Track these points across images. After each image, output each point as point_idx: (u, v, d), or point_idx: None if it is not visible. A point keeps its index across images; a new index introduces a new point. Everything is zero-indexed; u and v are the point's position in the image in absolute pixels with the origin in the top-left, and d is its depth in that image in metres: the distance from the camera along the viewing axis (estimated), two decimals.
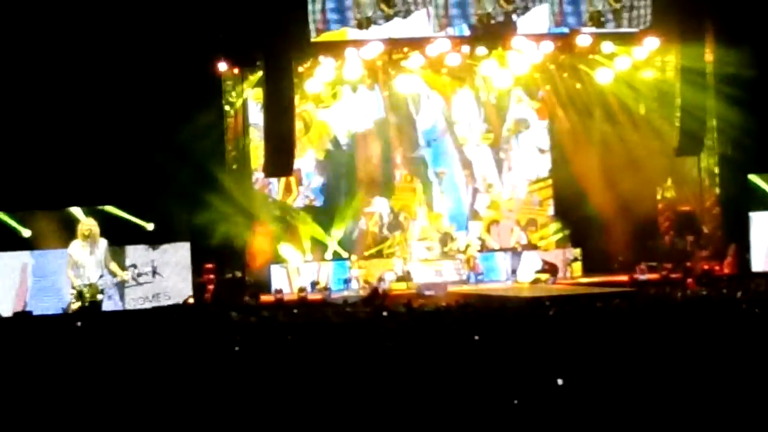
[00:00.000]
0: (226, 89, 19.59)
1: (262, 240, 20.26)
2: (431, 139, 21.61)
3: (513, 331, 9.03)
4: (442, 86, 21.49)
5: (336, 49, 19.46)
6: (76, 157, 17.87)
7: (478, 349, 8.24)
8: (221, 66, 19.08)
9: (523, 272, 20.89)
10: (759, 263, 19.57)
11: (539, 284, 20.20)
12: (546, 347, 8.04)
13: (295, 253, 20.63)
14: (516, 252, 21.41)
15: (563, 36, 20.06)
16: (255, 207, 19.93)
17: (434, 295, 17.96)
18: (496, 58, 20.30)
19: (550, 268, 20.94)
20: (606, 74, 20.67)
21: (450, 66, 20.46)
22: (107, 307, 16.67)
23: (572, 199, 21.43)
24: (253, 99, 20.18)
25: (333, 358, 7.99)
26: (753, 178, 19.88)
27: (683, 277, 18.26)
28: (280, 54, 18.47)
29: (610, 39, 20.02)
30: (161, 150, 17.90)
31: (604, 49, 20.15)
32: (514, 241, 21.74)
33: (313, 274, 20.34)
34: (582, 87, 21.32)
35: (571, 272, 21.17)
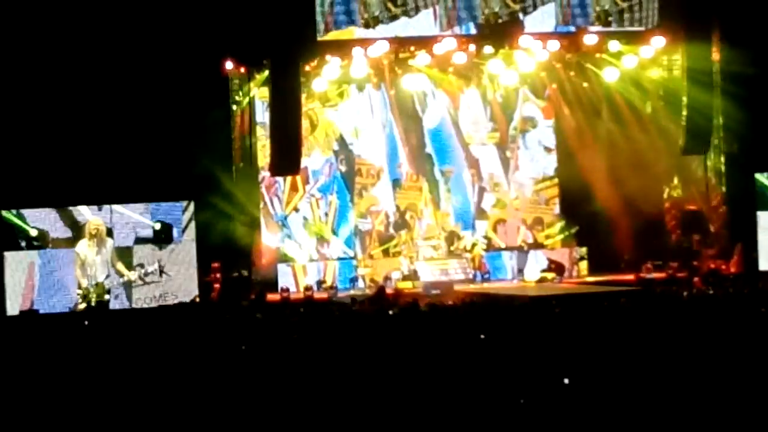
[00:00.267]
0: (232, 88, 19.62)
1: (268, 238, 20.30)
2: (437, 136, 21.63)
3: (519, 330, 9.04)
4: (448, 85, 21.47)
5: (342, 48, 19.46)
6: (84, 156, 17.90)
7: (484, 348, 8.25)
8: (228, 65, 19.10)
9: (530, 271, 20.87)
10: (766, 262, 19.51)
11: (545, 283, 20.16)
12: (552, 346, 8.05)
13: (302, 252, 20.65)
14: (522, 251, 21.39)
15: (570, 35, 20.06)
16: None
17: (440, 294, 17.95)
18: (503, 56, 20.27)
19: (557, 267, 20.90)
20: (613, 73, 20.62)
21: (456, 65, 20.44)
22: (114, 306, 16.76)
23: (579, 197, 21.37)
24: (259, 98, 20.19)
25: (340, 356, 8.00)
26: (760, 177, 19.84)
27: (689, 276, 18.23)
28: (287, 53, 18.49)
29: (617, 38, 20.01)
30: (168, 148, 17.96)
31: (610, 47, 20.13)
32: (520, 240, 21.71)
33: (319, 273, 20.35)
34: (589, 86, 21.25)
35: (578, 271, 21.14)
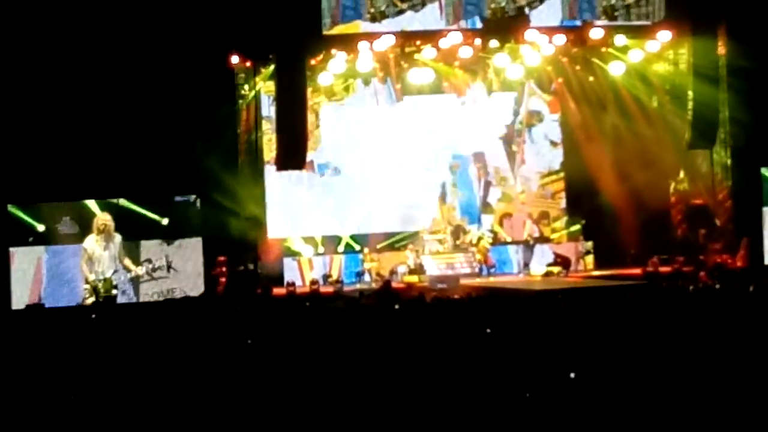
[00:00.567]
0: (238, 82, 19.61)
1: (274, 233, 20.32)
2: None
3: (525, 325, 9.05)
4: (454, 79, 21.46)
5: (348, 42, 19.46)
6: (91, 151, 17.92)
7: (490, 342, 8.26)
8: (234, 59, 19.10)
9: (536, 265, 20.89)
10: None
11: (551, 277, 20.16)
12: (558, 340, 8.05)
13: (308, 246, 20.67)
14: (528, 245, 21.41)
15: (576, 29, 20.04)
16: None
17: (446, 288, 17.95)
18: (509, 51, 20.27)
19: (563, 261, 20.91)
20: (618, 67, 20.61)
21: (462, 59, 20.44)
22: (121, 302, 16.77)
23: (584, 192, 21.38)
24: (265, 92, 20.21)
25: (345, 350, 8.01)
26: (766, 171, 19.83)
27: (695, 270, 18.20)
28: (293, 47, 18.50)
29: (623, 32, 20.01)
30: (175, 143, 17.97)
31: (616, 42, 20.11)
32: (526, 234, 21.72)
33: (326, 267, 20.37)
34: (595, 80, 21.24)
35: (584, 265, 21.18)
